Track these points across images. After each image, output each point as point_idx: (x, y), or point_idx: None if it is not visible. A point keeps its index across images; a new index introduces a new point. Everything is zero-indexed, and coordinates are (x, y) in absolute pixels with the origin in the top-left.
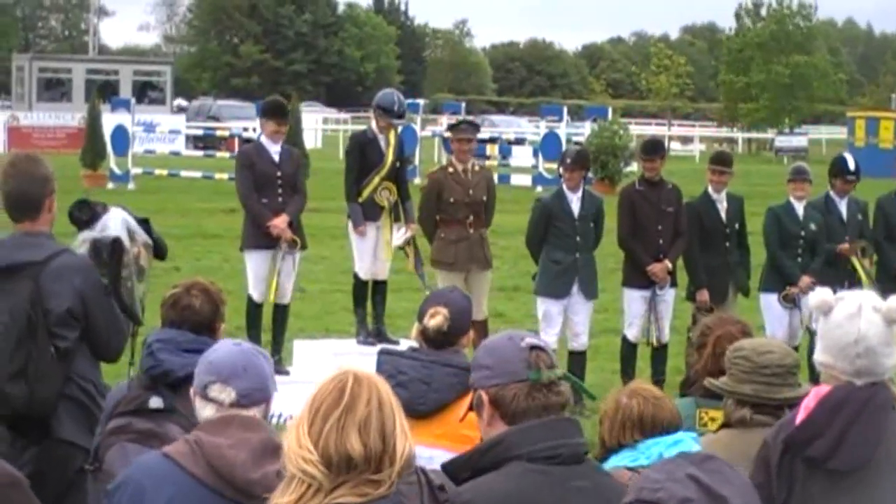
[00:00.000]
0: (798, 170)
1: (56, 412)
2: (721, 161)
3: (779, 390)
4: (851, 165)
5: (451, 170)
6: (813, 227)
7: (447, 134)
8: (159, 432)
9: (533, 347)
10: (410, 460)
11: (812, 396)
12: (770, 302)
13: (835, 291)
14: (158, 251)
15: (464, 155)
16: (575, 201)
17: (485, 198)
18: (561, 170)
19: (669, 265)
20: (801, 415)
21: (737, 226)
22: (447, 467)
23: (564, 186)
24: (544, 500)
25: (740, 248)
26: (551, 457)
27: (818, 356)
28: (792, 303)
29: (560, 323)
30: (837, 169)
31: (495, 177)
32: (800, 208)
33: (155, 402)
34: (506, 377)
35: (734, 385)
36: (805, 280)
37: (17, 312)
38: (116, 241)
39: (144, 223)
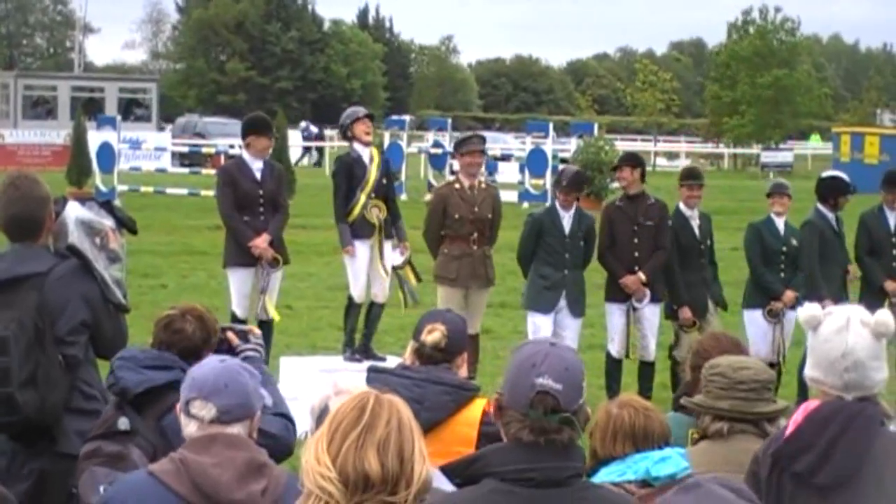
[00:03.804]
0: (777, 185)
1: (61, 424)
2: (694, 176)
3: (755, 405)
4: None
5: (457, 186)
6: (794, 242)
7: (446, 151)
8: (125, 454)
9: (540, 391)
10: (427, 484)
11: (801, 411)
12: (754, 318)
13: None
14: (128, 228)
15: (473, 169)
16: (566, 219)
17: (490, 215)
18: (556, 191)
19: (643, 277)
20: (789, 429)
21: (709, 241)
22: (445, 470)
23: (557, 204)
24: None
25: (711, 264)
26: (523, 479)
27: (808, 371)
28: (776, 318)
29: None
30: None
31: None
32: (780, 224)
33: (123, 424)
34: (511, 401)
35: (711, 401)
36: (789, 295)
37: (25, 322)
38: (71, 249)
39: (106, 205)
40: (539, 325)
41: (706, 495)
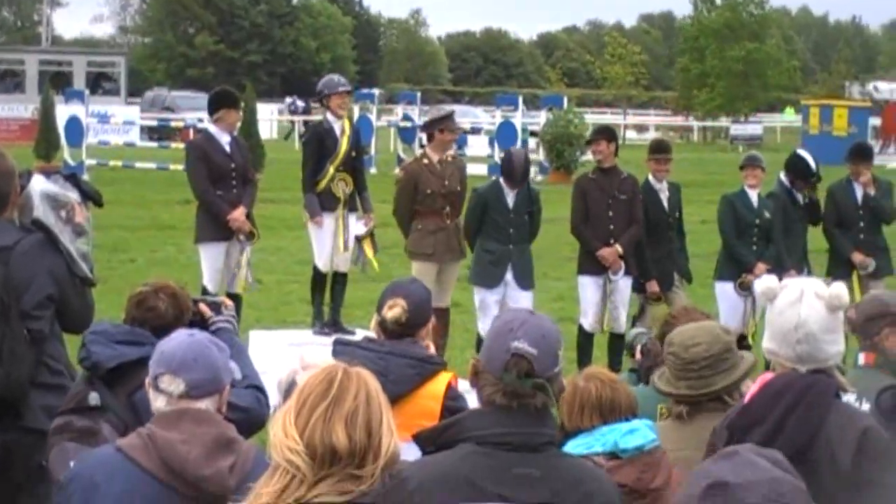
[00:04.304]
0: (750, 157)
1: (26, 399)
2: (662, 149)
3: (712, 381)
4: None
5: (425, 161)
6: (767, 214)
7: (415, 125)
8: (96, 430)
9: (515, 354)
10: (395, 457)
11: (757, 383)
12: (725, 290)
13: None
14: (94, 201)
15: (450, 146)
16: (511, 195)
17: (459, 188)
18: (504, 178)
19: (620, 249)
20: (745, 401)
21: (677, 214)
22: (417, 438)
23: (502, 181)
24: (481, 483)
25: (679, 235)
26: (500, 443)
27: (764, 343)
28: (748, 290)
29: (496, 312)
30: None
31: None
32: (754, 196)
33: (93, 399)
34: (487, 364)
35: (674, 384)
36: (760, 267)
37: None
38: (36, 223)
39: (71, 178)
40: (485, 300)
41: (744, 463)
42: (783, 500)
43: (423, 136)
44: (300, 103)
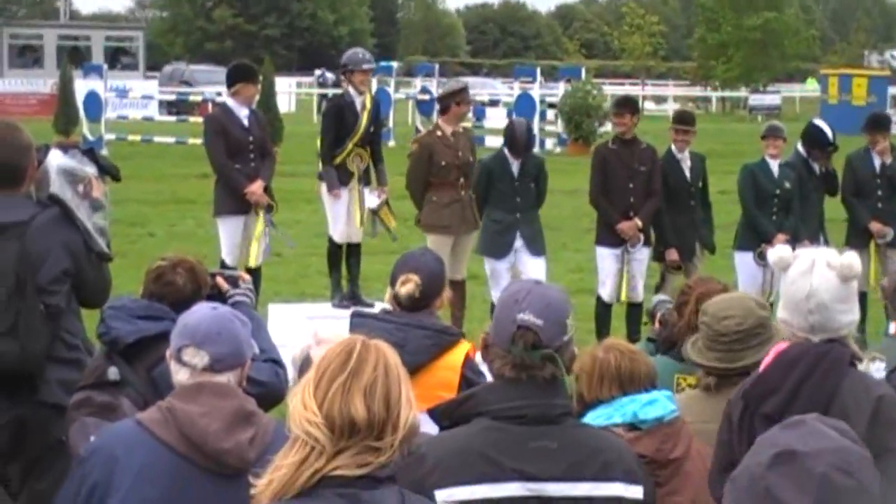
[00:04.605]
0: (771, 127)
1: (44, 374)
2: (683, 120)
3: (740, 356)
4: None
5: (438, 133)
6: (787, 185)
7: (433, 97)
8: (116, 405)
9: (521, 326)
10: (414, 429)
11: (772, 353)
12: (744, 260)
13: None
14: (112, 175)
15: (463, 118)
16: (515, 164)
17: (471, 158)
18: (507, 149)
19: (639, 223)
20: (760, 370)
21: (700, 184)
22: (433, 413)
23: (506, 151)
24: (498, 458)
25: (704, 206)
26: (516, 416)
27: (779, 313)
28: (766, 261)
29: (508, 280)
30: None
31: None
32: (774, 166)
33: (113, 374)
34: (495, 338)
35: (705, 354)
36: (780, 237)
37: (5, 272)
38: (52, 198)
39: (89, 152)
40: (496, 269)
41: (810, 432)
42: (851, 469)
43: (438, 108)
44: (329, 75)
